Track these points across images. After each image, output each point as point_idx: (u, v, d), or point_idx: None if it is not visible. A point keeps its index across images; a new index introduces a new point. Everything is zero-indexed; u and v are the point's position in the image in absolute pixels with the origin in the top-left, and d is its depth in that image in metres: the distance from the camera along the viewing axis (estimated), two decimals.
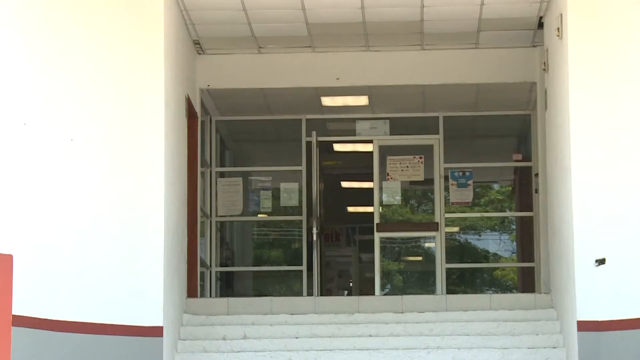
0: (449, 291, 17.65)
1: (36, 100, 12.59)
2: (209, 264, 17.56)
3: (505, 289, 18.43)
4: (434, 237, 18.32)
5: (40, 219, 12.44)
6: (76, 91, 13.01)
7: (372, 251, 18.34)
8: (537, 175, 16.93)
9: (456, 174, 18.40)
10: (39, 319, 11.75)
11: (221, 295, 17.72)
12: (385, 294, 17.89)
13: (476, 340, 13.94)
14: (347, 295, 18.83)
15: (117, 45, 13.41)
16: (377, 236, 18.26)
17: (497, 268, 19.38)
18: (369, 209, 18.71)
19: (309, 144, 18.25)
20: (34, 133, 12.46)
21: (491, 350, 13.52)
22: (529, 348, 13.70)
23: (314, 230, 17.94)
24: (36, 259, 11.90)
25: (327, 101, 18.08)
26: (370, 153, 18.60)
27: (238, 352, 13.72)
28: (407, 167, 18.52)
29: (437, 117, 18.12)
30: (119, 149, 13.28)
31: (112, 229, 13.13)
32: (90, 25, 13.19)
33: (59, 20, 12.91)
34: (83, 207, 12.94)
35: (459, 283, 18.29)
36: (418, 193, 19.07)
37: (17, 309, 10.07)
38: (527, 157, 18.09)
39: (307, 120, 18.31)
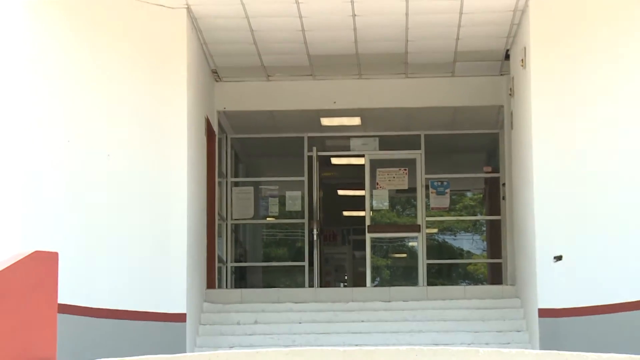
0: (429, 283, 17.62)
1: (79, 121, 12.66)
2: (225, 260, 17.51)
3: (477, 281, 18.41)
4: (416, 237, 18.32)
5: (84, 223, 12.50)
6: (112, 113, 13.02)
7: (364, 249, 18.37)
8: (504, 184, 16.89)
9: (435, 183, 18.37)
10: (81, 307, 11.83)
11: (235, 287, 17.70)
12: (375, 286, 17.86)
13: (452, 325, 13.96)
14: (343, 286, 18.71)
15: (146, 73, 13.41)
16: (368, 236, 18.32)
17: (470, 263, 19.35)
18: (361, 213, 18.68)
19: (310, 158, 18.29)
20: (76, 149, 12.52)
21: (465, 333, 13.53)
22: (497, 332, 13.71)
23: (314, 231, 18.06)
24: (80, 257, 11.96)
25: (325, 121, 18.08)
26: (362, 166, 18.59)
27: (250, 335, 13.77)
28: (394, 177, 18.51)
29: (419, 135, 18.10)
30: (148, 163, 13.28)
31: (142, 231, 13.15)
32: (124, 57, 13.20)
33: (98, 53, 12.92)
34: (118, 212, 12.96)
35: (438, 276, 18.27)
36: (403, 200, 19.02)
37: (63, 299, 10.17)
38: (495, 169, 18.04)
39: (308, 137, 18.30)
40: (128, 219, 13.01)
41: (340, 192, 19.87)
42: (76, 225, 12.40)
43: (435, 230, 18.78)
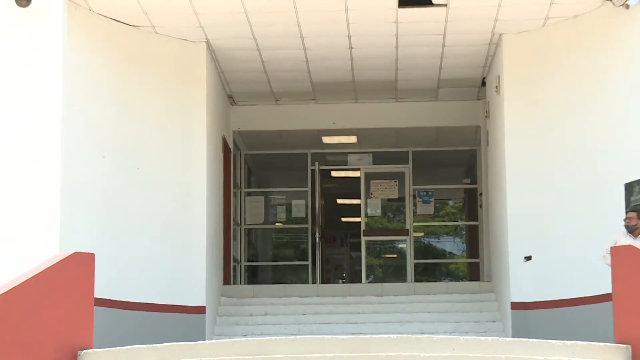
0: (416, 280, 17.63)
1: (112, 139, 12.67)
2: (239, 259, 17.51)
3: (457, 278, 18.43)
4: (405, 240, 18.32)
5: (117, 227, 12.53)
6: (141, 131, 13.06)
7: (360, 250, 18.33)
8: (481, 194, 16.92)
9: (421, 193, 18.37)
10: (114, 300, 11.86)
11: (248, 283, 17.67)
12: (369, 282, 17.84)
13: (436, 316, 13.99)
14: (341, 283, 18.73)
15: (171, 98, 13.44)
16: (363, 239, 18.31)
17: (452, 263, 19.37)
18: (357, 219, 18.64)
19: (312, 171, 18.28)
20: (110, 163, 12.56)
21: (447, 323, 13.53)
22: (475, 322, 13.75)
23: (317, 235, 18.09)
24: (113, 257, 11.96)
25: (326, 140, 18.08)
26: (358, 178, 18.59)
27: (261, 325, 13.79)
28: (386, 188, 18.51)
29: (407, 152, 18.09)
30: (173, 175, 13.32)
31: (167, 235, 13.18)
32: (153, 83, 13.25)
33: (130, 80, 12.96)
34: (146, 218, 12.99)
35: (424, 274, 18.27)
36: (393, 207, 19.02)
37: (98, 293, 10.07)
38: (473, 181, 18.05)
39: (311, 153, 18.30)
40: (155, 223, 13.05)
41: (339, 201, 19.88)
42: (110, 229, 12.42)
43: (421, 234, 18.79)
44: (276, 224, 19.60)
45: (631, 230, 10.92)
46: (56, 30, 11.70)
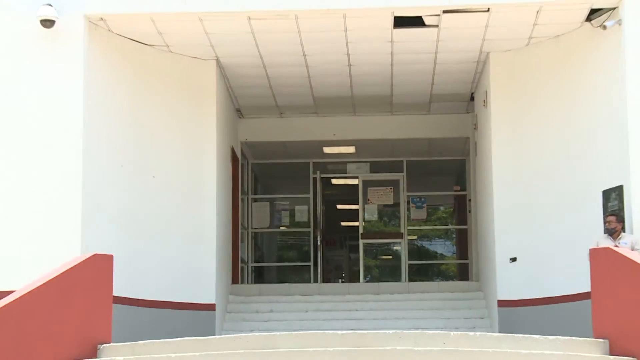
0: (410, 279, 17.58)
1: (130, 149, 12.67)
2: (246, 260, 17.48)
3: (448, 278, 18.39)
4: (400, 243, 18.28)
5: (133, 230, 12.52)
6: (156, 142, 13.05)
7: (358, 252, 18.34)
8: (469, 200, 16.90)
9: (415, 199, 18.32)
10: (131, 298, 11.87)
11: (255, 283, 17.60)
12: (367, 282, 17.80)
13: (429, 313, 13.95)
14: (341, 282, 18.71)
15: (184, 111, 13.43)
16: (361, 242, 18.32)
17: (443, 264, 19.31)
18: (356, 223, 18.66)
19: (314, 179, 18.27)
20: (128, 171, 12.57)
21: (439, 319, 13.51)
22: (465, 318, 13.75)
23: (318, 238, 18.07)
24: (130, 258, 11.93)
25: (327, 150, 18.03)
26: (356, 185, 18.60)
27: (267, 321, 13.76)
28: (382, 194, 18.51)
29: (402, 161, 18.07)
30: (185, 182, 13.33)
31: (180, 238, 13.14)
32: (168, 97, 13.24)
33: (146, 94, 12.97)
34: (160, 222, 12.97)
35: (417, 274, 18.22)
36: (389, 212, 18.98)
37: (117, 292, 10.09)
38: (463, 188, 17.99)
39: (313, 163, 18.28)
40: (168, 228, 13.04)
41: (339, 207, 19.82)
42: (128, 232, 12.41)
43: (415, 237, 18.75)
44: (280, 227, 19.53)
45: (611, 233, 11.00)
46: (77, 49, 11.75)
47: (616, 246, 10.33)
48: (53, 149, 11.63)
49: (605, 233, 11.12)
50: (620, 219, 11.13)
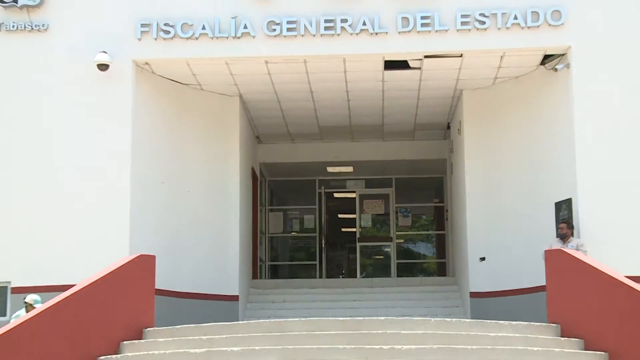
0: (398, 275, 17.42)
1: (169, 169, 12.65)
2: (264, 260, 17.35)
3: (429, 274, 18.21)
4: (389, 245, 18.14)
5: (171, 236, 12.49)
6: (190, 163, 13.00)
7: (355, 253, 18.23)
8: (446, 211, 16.79)
9: (402, 210, 18.24)
10: (170, 290, 11.85)
11: (271, 278, 17.47)
12: (362, 277, 17.66)
13: (414, 303, 13.85)
14: (341, 277, 18.60)
15: (213, 138, 13.35)
16: (358, 244, 18.23)
17: (425, 262, 19.15)
18: (353, 229, 18.46)
19: (319, 193, 18.13)
20: (167, 187, 12.56)
21: (422, 308, 13.37)
22: (443, 307, 13.65)
23: (322, 241, 17.99)
24: (169, 259, 11.88)
25: (330, 169, 17.88)
26: (354, 198, 18.46)
27: (280, 309, 13.65)
28: (375, 206, 18.37)
29: (391, 178, 17.89)
30: (214, 196, 13.26)
31: (210, 242, 13.07)
32: (200, 127, 13.19)
33: (183, 124, 12.93)
34: (194, 229, 12.91)
35: (404, 271, 18.04)
36: (381, 220, 18.77)
37: (159, 285, 10.13)
38: (441, 201, 17.82)
39: (318, 180, 18.09)
40: (200, 233, 12.97)
41: (340, 216, 19.72)
42: (167, 237, 12.40)
43: (402, 241, 18.59)
44: (292, 232, 19.38)
45: (562, 237, 11.00)
46: (127, 88, 11.80)
47: (564, 247, 10.37)
48: (107, 169, 11.69)
49: (557, 237, 11.10)
50: (570, 226, 11.13)
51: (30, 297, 10.41)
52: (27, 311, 10.18)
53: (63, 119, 11.76)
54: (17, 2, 11.71)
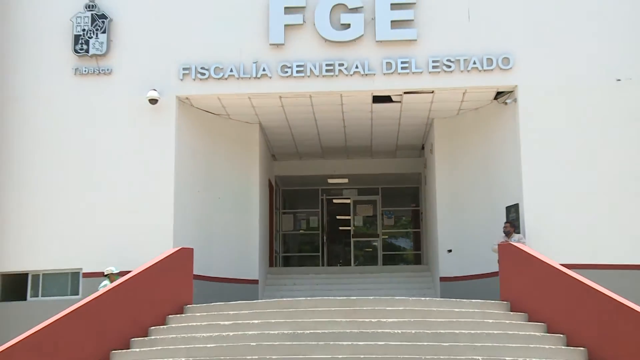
0: (384, 264, 17.25)
1: (204, 181, 12.49)
2: (278, 251, 17.18)
3: (408, 263, 17.87)
4: (377, 240, 17.90)
5: (206, 233, 12.32)
6: (220, 176, 12.85)
7: (350, 246, 18.01)
8: (421, 213, 16.65)
9: (387, 212, 18.03)
10: (204, 275, 11.81)
11: (283, 266, 17.25)
12: (356, 265, 17.45)
13: (396, 285, 13.73)
14: (339, 266, 18.37)
15: (238, 157, 13.27)
16: (352, 240, 18.00)
17: (404, 253, 18.78)
18: (348, 228, 18.25)
19: (322, 199, 17.91)
20: (203, 195, 12.44)
21: (402, 289, 13.27)
22: (419, 289, 13.50)
23: (324, 237, 17.83)
24: (203, 250, 11.82)
25: (330, 181, 17.64)
26: (349, 203, 18.25)
27: (291, 290, 13.50)
28: (365, 209, 18.19)
29: (378, 188, 17.68)
30: (239, 202, 13.18)
31: (236, 237, 12.97)
32: (226, 149, 13.11)
33: (214, 146, 12.79)
34: (224, 227, 12.79)
35: (388, 260, 17.72)
36: (370, 220, 18.38)
37: (196, 272, 10.17)
38: (417, 205, 17.64)
39: (321, 189, 17.88)
40: (228, 230, 12.89)
41: (337, 217, 19.48)
42: (202, 234, 12.23)
43: (386, 236, 18.22)
44: (300, 230, 19.11)
45: (506, 234, 11.00)
46: (171, 117, 11.82)
47: (509, 242, 10.42)
48: (156, 182, 11.70)
49: (503, 234, 11.07)
50: (513, 225, 11.13)
51: (109, 269, 10.44)
52: (110, 281, 10.24)
53: (123, 142, 11.76)
54: (88, 52, 11.80)
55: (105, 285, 10.16)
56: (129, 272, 9.75)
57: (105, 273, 10.47)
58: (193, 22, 11.93)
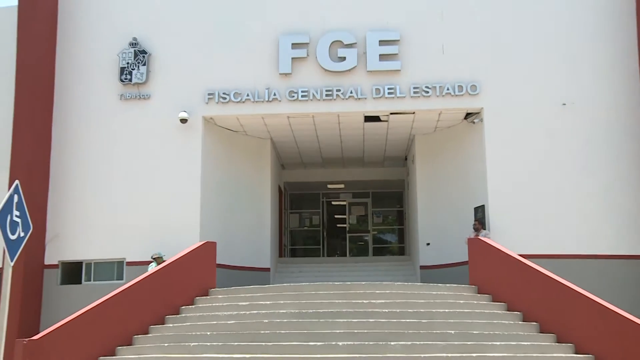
0: (374, 255, 17.18)
1: (225, 187, 12.31)
2: (286, 244, 17.07)
3: (393, 254, 17.70)
4: (368, 235, 17.81)
5: (227, 230, 12.13)
6: (244, 182, 12.89)
7: (346, 240, 17.91)
8: (405, 213, 16.52)
9: (376, 212, 17.96)
10: (225, 264, 11.75)
11: (291, 256, 17.12)
12: (351, 256, 17.29)
13: (383, 272, 13.64)
14: (337, 256, 18.27)
15: (253, 167, 13.22)
16: (347, 235, 17.89)
17: (390, 246, 18.51)
18: (344, 225, 18.12)
19: (322, 202, 17.84)
20: (223, 199, 12.17)
21: (389, 276, 13.16)
22: (403, 275, 13.39)
23: (324, 233, 17.72)
24: (225, 244, 11.55)
25: (329, 186, 17.52)
26: (345, 204, 18.15)
27: (297, 277, 13.33)
28: (358, 210, 18.09)
29: (369, 192, 17.63)
30: (254, 204, 13.07)
31: (251, 233, 12.74)
32: (243, 160, 13.05)
33: (233, 159, 12.75)
34: (241, 226, 12.56)
35: (377, 252, 17.50)
36: (362, 219, 18.28)
37: (218, 261, 10.02)
38: (401, 206, 17.53)
39: (322, 193, 17.79)
40: (245, 227, 12.76)
41: (335, 216, 19.34)
42: (223, 230, 12.04)
43: (376, 232, 18.11)
44: (304, 227, 18.96)
45: (475, 230, 11.03)
46: (198, 134, 11.80)
47: (477, 236, 10.45)
48: (187, 187, 11.64)
49: (473, 230, 11.09)
50: (481, 223, 11.15)
51: (155, 253, 10.45)
52: (157, 263, 10.24)
53: (159, 153, 11.77)
54: (131, 81, 11.86)
55: (153, 267, 10.19)
56: (164, 261, 9.85)
57: (153, 257, 10.52)
58: (216, 55, 11.97)
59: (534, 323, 8.36)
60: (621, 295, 10.14)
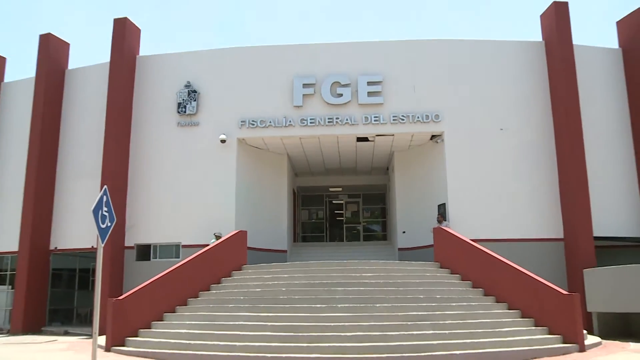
0: (364, 240, 16.91)
1: (254, 192, 12.23)
2: (299, 233, 16.79)
3: (379, 240, 17.44)
4: (359, 226, 17.47)
5: (254, 222, 11.97)
6: (264, 189, 12.65)
7: (343, 230, 17.62)
8: (387, 209, 16.30)
9: (365, 209, 17.66)
10: (254, 247, 11.66)
11: (302, 242, 16.78)
12: (347, 241, 16.91)
13: (371, 254, 13.38)
14: (337, 242, 18.12)
15: (274, 176, 13.03)
16: (344, 226, 17.61)
17: (376, 234, 18.21)
18: (342, 218, 17.67)
19: (326, 201, 17.61)
20: (253, 201, 12.09)
21: (375, 256, 12.96)
22: (385, 255, 13.15)
23: (327, 224, 17.47)
24: (253, 232, 11.59)
25: (331, 189, 17.26)
26: (342, 203, 17.84)
27: (307, 257, 13.16)
28: (352, 207, 17.74)
29: (360, 194, 17.41)
30: (275, 205, 12.88)
31: (271, 224, 12.59)
32: (268, 172, 12.82)
33: (260, 171, 12.61)
34: (262, 221, 12.44)
35: (366, 238, 17.20)
36: (355, 214, 18.13)
37: (249, 244, 10.00)
38: (384, 204, 17.26)
39: (325, 194, 17.57)
40: (268, 220, 12.57)
41: (335, 212, 19.12)
42: (253, 222, 11.99)
43: (365, 223, 17.77)
44: (312, 220, 18.66)
45: (438, 222, 11.02)
46: (233, 152, 11.82)
47: (441, 226, 10.49)
48: (226, 190, 11.62)
49: (437, 221, 11.09)
50: (443, 216, 11.13)
51: (217, 232, 10.44)
52: (216, 239, 10.23)
53: (207, 169, 11.75)
54: (185, 112, 11.96)
55: (214, 241, 10.17)
56: (207, 245, 9.96)
57: (216, 234, 10.55)
58: (247, 92, 12.04)
59: (480, 289, 8.54)
60: (542, 267, 10.34)
